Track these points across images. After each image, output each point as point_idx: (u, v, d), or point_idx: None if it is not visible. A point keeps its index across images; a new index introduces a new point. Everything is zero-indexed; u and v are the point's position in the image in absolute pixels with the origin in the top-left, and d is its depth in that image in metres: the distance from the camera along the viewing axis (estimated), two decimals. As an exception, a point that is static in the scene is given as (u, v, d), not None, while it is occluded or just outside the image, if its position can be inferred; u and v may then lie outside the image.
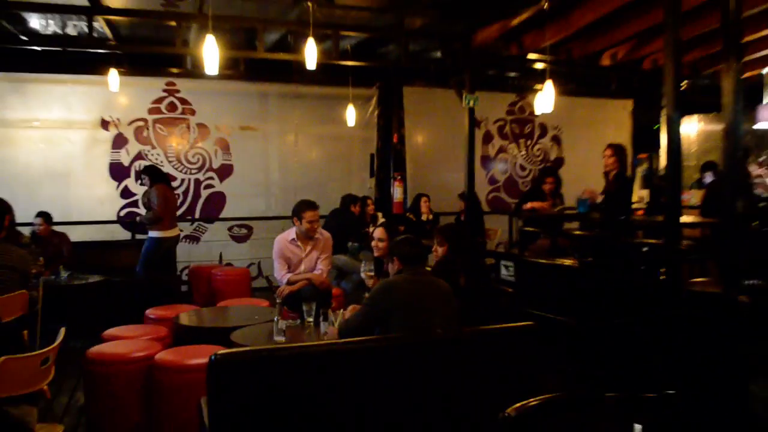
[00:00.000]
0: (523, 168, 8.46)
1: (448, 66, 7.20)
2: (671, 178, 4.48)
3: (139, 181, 6.60)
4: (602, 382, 4.18)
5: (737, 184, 4.19)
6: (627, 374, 4.29)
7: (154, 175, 6.34)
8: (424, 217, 7.29)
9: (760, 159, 7.81)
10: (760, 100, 7.65)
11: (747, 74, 7.74)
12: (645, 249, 5.07)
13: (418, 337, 2.90)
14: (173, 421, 3.48)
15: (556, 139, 8.72)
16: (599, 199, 5.63)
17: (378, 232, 4.10)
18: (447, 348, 2.85)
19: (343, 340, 3.03)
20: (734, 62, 4.16)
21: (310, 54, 5.36)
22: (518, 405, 1.78)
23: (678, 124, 4.40)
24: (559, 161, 8.71)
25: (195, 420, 2.96)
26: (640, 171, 9.09)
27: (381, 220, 7.07)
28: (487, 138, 8.44)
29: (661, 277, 4.56)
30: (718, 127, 8.43)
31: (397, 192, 7.79)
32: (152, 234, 6.22)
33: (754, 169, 6.60)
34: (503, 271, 5.74)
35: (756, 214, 5.79)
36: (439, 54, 7.43)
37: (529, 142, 8.61)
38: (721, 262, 4.68)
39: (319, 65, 5.53)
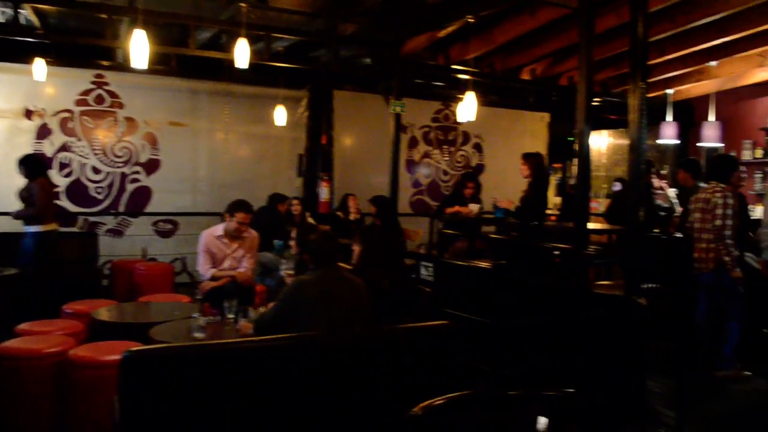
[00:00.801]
0: (446, 173, 8.77)
1: (377, 72, 7.40)
2: (581, 187, 4.82)
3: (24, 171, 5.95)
4: (513, 380, 4.39)
5: (639, 195, 4.55)
6: (537, 372, 4.53)
7: (34, 167, 5.89)
8: (351, 216, 7.44)
9: (662, 172, 8.40)
10: (664, 118, 8.24)
11: (652, 94, 8.33)
12: (556, 253, 5.39)
13: (334, 336, 2.92)
14: (87, 420, 3.41)
15: (478, 147, 9.08)
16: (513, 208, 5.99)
17: (294, 232, 4.20)
18: (362, 346, 2.86)
19: (258, 338, 3.03)
20: (640, 82, 4.54)
21: (241, 54, 5.43)
22: (424, 404, 1.80)
23: (588, 137, 4.74)
24: (480, 168, 9.07)
25: (110, 418, 2.84)
26: (554, 179, 9.57)
27: (309, 219, 7.19)
28: (413, 143, 8.70)
29: (569, 280, 4.89)
30: (625, 141, 8.99)
31: (323, 192, 7.92)
32: (32, 229, 5.82)
33: (656, 182, 7.10)
34: (423, 272, 5.95)
35: (656, 223, 6.27)
36: (368, 60, 7.64)
37: (452, 149, 8.92)
38: (623, 267, 5.06)
39: (250, 65, 5.60)
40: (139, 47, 4.61)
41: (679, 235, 5.68)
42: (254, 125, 8.13)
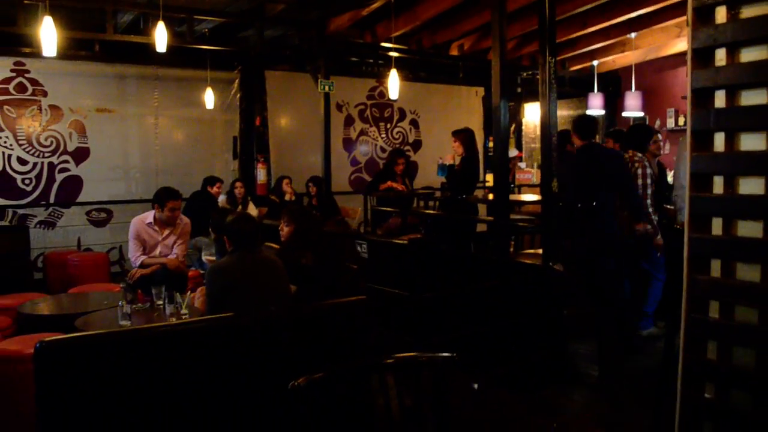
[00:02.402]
0: (383, 150, 8.84)
1: (305, 52, 7.39)
2: (498, 159, 4.96)
3: None
4: (438, 349, 4.51)
5: (551, 165, 4.70)
6: (462, 340, 4.67)
7: None
8: (287, 197, 7.47)
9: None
10: (592, 89, 8.46)
11: (579, 66, 8.54)
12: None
13: (250, 316, 2.89)
14: (13, 415, 3.37)
15: (414, 123, 9.17)
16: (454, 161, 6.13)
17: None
18: (282, 325, 2.89)
19: (171, 323, 3.07)
20: (549, 57, 4.67)
21: (161, 37, 5.36)
22: (309, 376, 1.87)
23: (505, 111, 4.86)
24: (417, 144, 9.17)
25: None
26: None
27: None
28: (349, 121, 8.74)
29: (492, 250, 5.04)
30: (563, 112, 9.21)
31: (260, 174, 7.90)
32: None
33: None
34: (359, 249, 6.05)
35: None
36: (297, 40, 7.62)
37: (388, 126, 8.99)
38: (543, 236, 5.23)
39: (177, 48, 5.55)
40: (48, 34, 4.51)
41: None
42: (186, 109, 8.04)
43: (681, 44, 7.66)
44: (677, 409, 2.39)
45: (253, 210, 7.24)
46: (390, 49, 7.46)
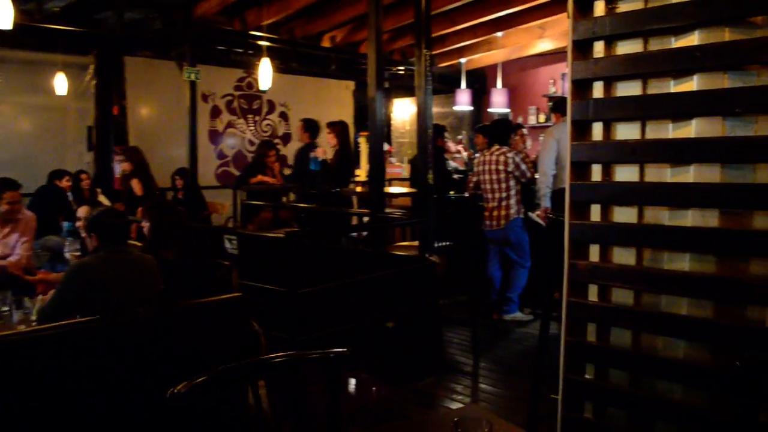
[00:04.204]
0: (251, 143, 8.55)
1: (169, 37, 6.97)
2: (374, 152, 4.93)
3: None
4: (310, 346, 4.41)
5: (426, 157, 4.75)
6: (341, 334, 4.60)
7: None
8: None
9: (459, 137, 8.89)
10: (460, 85, 8.70)
11: (447, 63, 8.75)
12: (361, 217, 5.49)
13: (116, 318, 2.70)
14: None
15: (284, 116, 8.96)
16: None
17: (81, 211, 3.90)
18: (151, 326, 2.73)
19: (20, 331, 2.79)
20: (424, 50, 4.70)
21: (5, 13, 4.80)
22: (190, 381, 1.72)
23: (381, 104, 4.83)
24: (287, 137, 8.97)
25: None
26: (366, 146, 9.75)
27: (101, 196, 6.64)
28: (216, 112, 8.36)
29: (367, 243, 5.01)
30: (434, 109, 9.39)
31: (118, 167, 7.35)
32: None
33: (453, 146, 7.49)
34: (228, 245, 5.80)
35: (452, 185, 6.62)
36: (160, 24, 7.15)
37: (257, 118, 8.71)
38: (418, 228, 5.29)
39: (23, 27, 4.99)
40: None
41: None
42: (33, 95, 7.33)
43: (543, 44, 8.06)
44: (560, 391, 2.45)
45: (105, 203, 6.72)
46: (260, 38, 7.21)
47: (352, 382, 4.35)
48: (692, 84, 2.12)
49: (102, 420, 2.44)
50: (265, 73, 6.11)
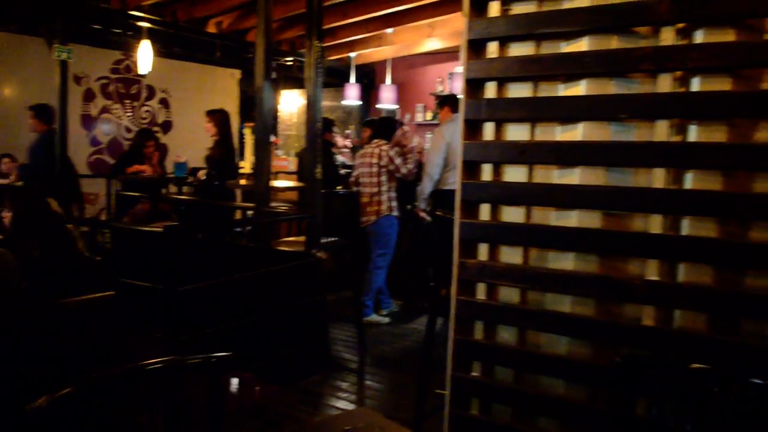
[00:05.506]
0: (129, 130, 8.05)
1: (38, 11, 6.40)
2: (260, 144, 4.78)
3: None
4: (189, 347, 4.22)
5: (315, 151, 4.66)
6: (223, 333, 4.42)
7: None
8: (10, 180, 6.43)
9: (347, 131, 8.86)
10: (349, 80, 8.65)
11: (337, 56, 8.68)
12: (245, 211, 5.31)
13: None
14: None
15: (165, 102, 8.51)
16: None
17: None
18: (4, 329, 2.53)
19: None
20: (315, 41, 4.60)
21: None
22: (51, 394, 1.55)
23: (268, 94, 4.70)
24: (168, 125, 8.54)
25: None
26: (251, 138, 9.47)
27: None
28: (89, 96, 7.79)
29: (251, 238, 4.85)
30: (322, 102, 9.27)
31: (-24, 151, 6.69)
32: None
33: (340, 141, 7.44)
34: (100, 239, 5.43)
35: (340, 180, 6.57)
36: (26, -4, 6.55)
37: (135, 104, 8.22)
38: (306, 222, 5.19)
39: None
40: None
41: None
42: None
43: (432, 43, 8.17)
44: (447, 389, 2.46)
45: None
46: (141, 19, 6.80)
47: (235, 382, 4.20)
48: (580, 89, 2.17)
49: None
50: (144, 57, 5.77)
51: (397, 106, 8.80)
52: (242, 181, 6.19)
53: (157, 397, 1.76)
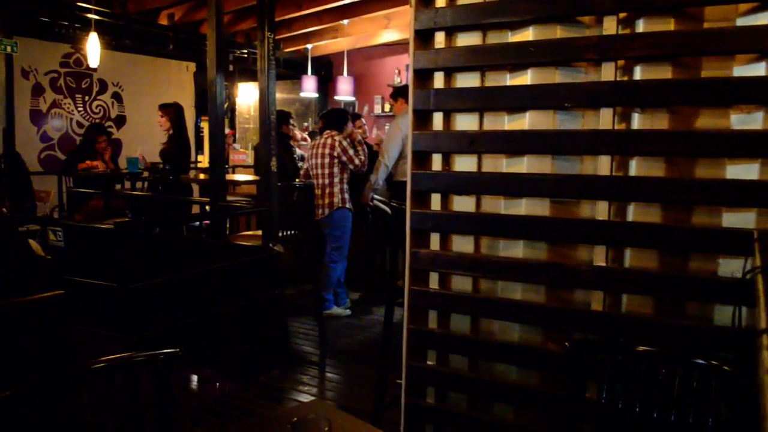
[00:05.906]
0: (80, 125, 7.84)
1: (-21, 3, 6.19)
2: (214, 138, 4.71)
3: None
4: (144, 344, 4.16)
5: (269, 144, 4.61)
6: (180, 330, 4.37)
7: None
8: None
9: (305, 124, 8.80)
10: (306, 72, 8.59)
11: (293, 48, 8.60)
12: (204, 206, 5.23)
13: None
14: None
15: (117, 97, 8.32)
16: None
17: None
18: None
19: None
20: (267, 32, 4.54)
21: None
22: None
23: (221, 87, 4.62)
24: (121, 119, 8.36)
25: None
26: (208, 131, 9.33)
27: None
28: (38, 91, 7.57)
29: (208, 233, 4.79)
30: (281, 95, 9.20)
31: None
32: None
33: (299, 133, 7.38)
34: (52, 237, 5.29)
35: (297, 173, 6.52)
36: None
37: (87, 98, 8.01)
38: (261, 216, 5.13)
39: None
40: None
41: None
42: None
43: (388, 35, 8.15)
44: (403, 378, 2.47)
45: None
46: (89, 11, 6.62)
47: (195, 378, 4.15)
48: (527, 78, 2.19)
49: None
50: (93, 50, 5.62)
51: (354, 98, 8.77)
52: (201, 176, 6.11)
53: (104, 396, 1.73)
